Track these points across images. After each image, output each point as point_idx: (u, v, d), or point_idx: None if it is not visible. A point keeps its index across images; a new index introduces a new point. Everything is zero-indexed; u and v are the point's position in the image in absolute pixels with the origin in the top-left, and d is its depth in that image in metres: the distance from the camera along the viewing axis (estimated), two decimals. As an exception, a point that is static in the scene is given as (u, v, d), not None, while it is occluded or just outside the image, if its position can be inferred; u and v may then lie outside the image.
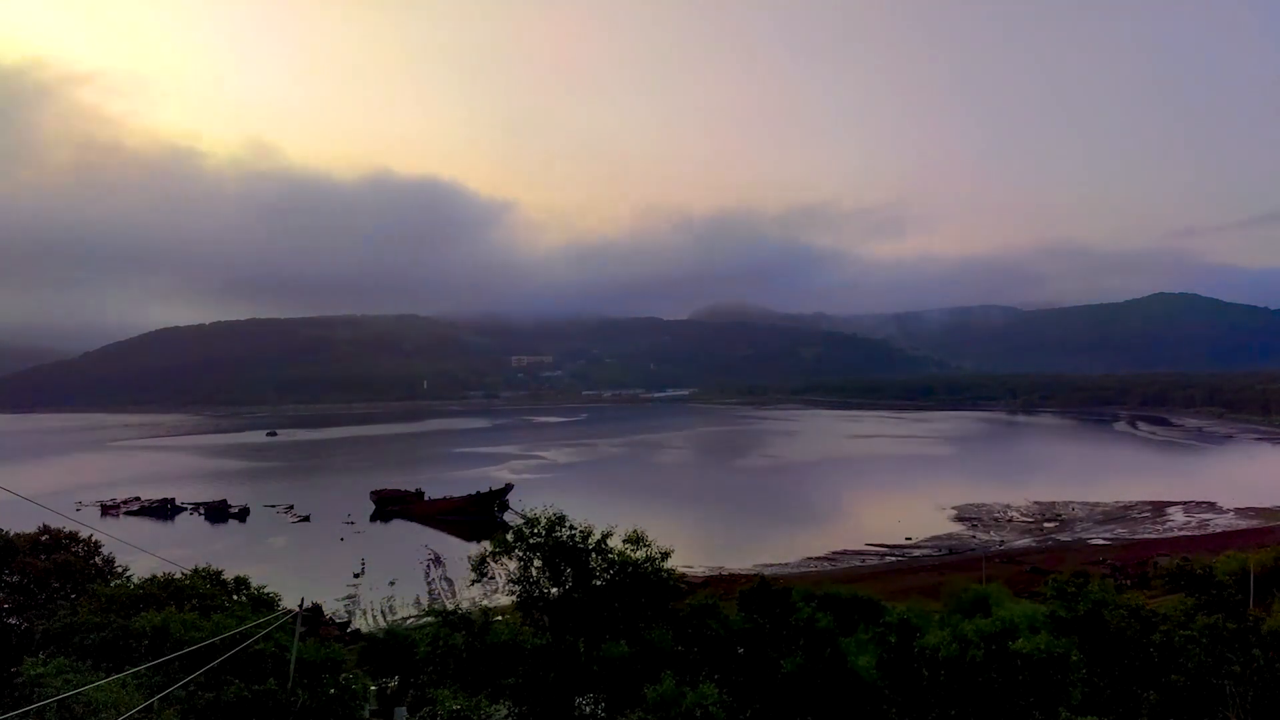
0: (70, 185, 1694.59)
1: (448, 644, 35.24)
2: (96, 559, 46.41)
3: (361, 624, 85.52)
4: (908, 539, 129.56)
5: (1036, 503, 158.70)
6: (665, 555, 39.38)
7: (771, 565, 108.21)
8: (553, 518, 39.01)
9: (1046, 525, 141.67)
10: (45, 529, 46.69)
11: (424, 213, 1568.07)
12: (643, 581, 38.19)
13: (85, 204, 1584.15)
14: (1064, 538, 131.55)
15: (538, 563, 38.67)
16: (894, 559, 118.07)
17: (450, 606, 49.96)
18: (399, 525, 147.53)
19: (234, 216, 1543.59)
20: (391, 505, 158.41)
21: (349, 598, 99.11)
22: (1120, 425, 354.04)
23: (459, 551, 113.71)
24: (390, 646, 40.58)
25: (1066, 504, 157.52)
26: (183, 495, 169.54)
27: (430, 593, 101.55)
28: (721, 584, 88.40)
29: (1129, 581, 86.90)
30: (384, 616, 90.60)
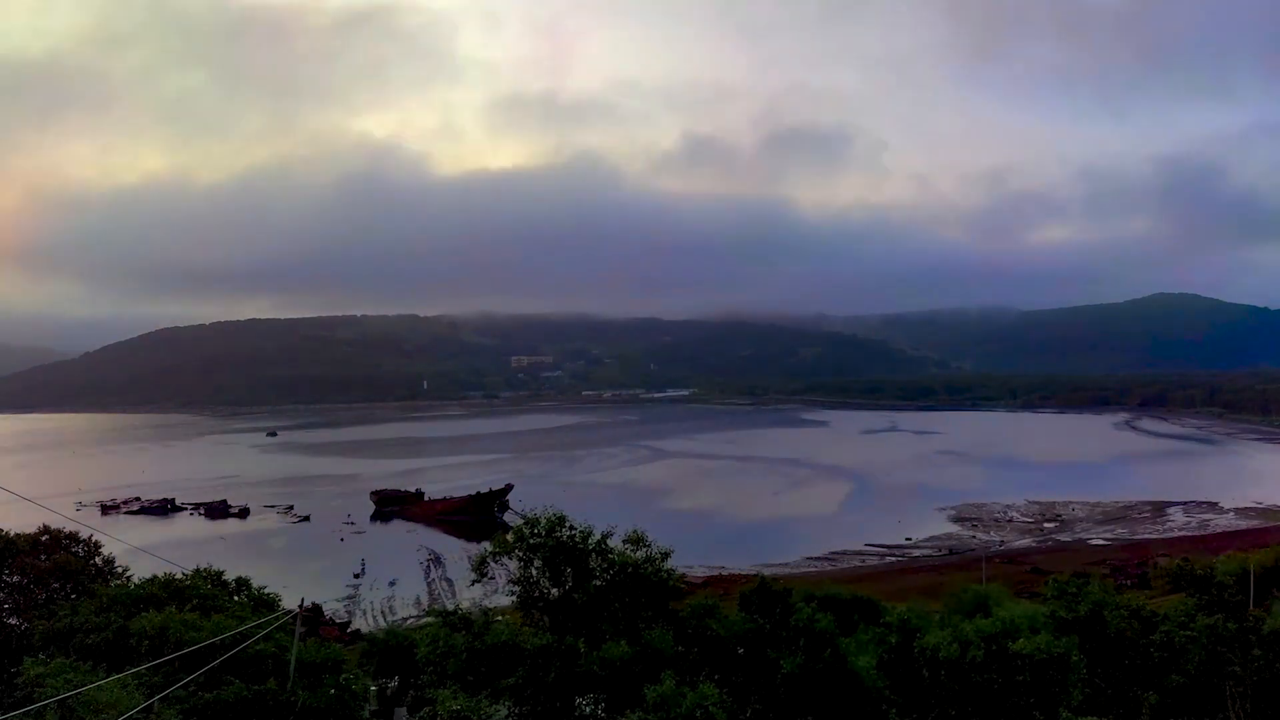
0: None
1: (448, 644, 35.20)
2: (96, 559, 46.36)
3: (361, 624, 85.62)
4: (908, 539, 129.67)
5: (1036, 503, 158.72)
6: (665, 555, 39.37)
7: (771, 565, 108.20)
8: (553, 518, 39.00)
9: (1046, 525, 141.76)
10: (45, 529, 46.61)
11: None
12: (643, 582, 38.18)
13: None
14: (1064, 538, 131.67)
15: (538, 563, 38.68)
16: (894, 559, 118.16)
17: (450, 606, 49.97)
18: (399, 525, 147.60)
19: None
20: (391, 506, 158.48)
21: (349, 598, 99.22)
22: (1120, 425, 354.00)
23: (459, 551, 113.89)
24: (390, 647, 40.55)
25: (1066, 504, 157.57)
26: (185, 496, 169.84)
27: (430, 593, 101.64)
28: (721, 584, 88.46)
29: (1129, 582, 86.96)
30: (384, 616, 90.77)
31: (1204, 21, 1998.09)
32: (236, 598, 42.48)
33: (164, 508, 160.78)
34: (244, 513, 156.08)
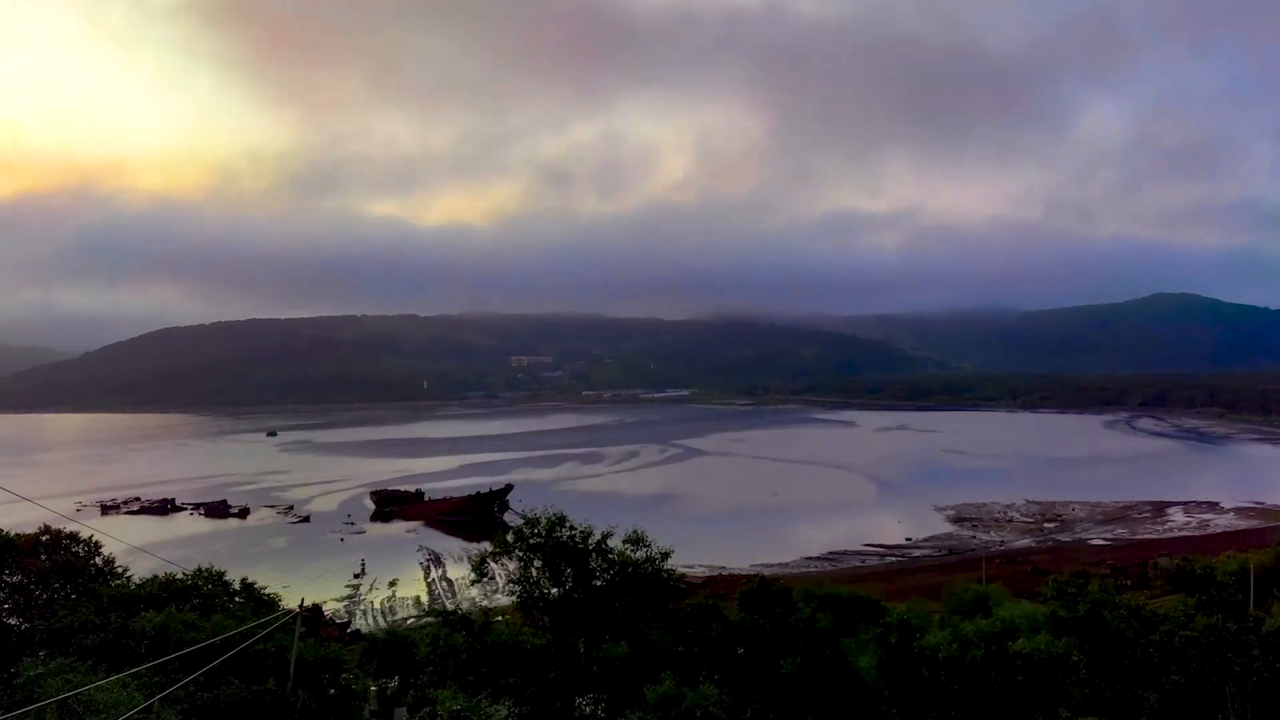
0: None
1: (448, 644, 35.26)
2: (97, 559, 46.40)
3: (361, 624, 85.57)
4: (908, 539, 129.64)
5: (1036, 503, 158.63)
6: (665, 555, 39.40)
7: (771, 565, 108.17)
8: (553, 518, 39.04)
9: (1046, 525, 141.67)
10: (45, 529, 46.65)
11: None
12: (643, 582, 38.20)
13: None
14: (1064, 538, 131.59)
15: (538, 563, 38.70)
16: (894, 559, 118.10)
17: (450, 607, 50.12)
18: (399, 525, 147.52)
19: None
20: (391, 506, 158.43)
21: (349, 598, 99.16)
22: (1119, 425, 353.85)
23: (459, 551, 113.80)
24: (390, 647, 40.60)
25: (1066, 504, 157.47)
26: (185, 496, 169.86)
27: (430, 593, 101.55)
28: (721, 584, 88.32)
29: (1129, 582, 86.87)
30: (384, 617, 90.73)
31: None
32: (238, 599, 42.53)
33: (164, 508, 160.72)
34: (244, 513, 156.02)
